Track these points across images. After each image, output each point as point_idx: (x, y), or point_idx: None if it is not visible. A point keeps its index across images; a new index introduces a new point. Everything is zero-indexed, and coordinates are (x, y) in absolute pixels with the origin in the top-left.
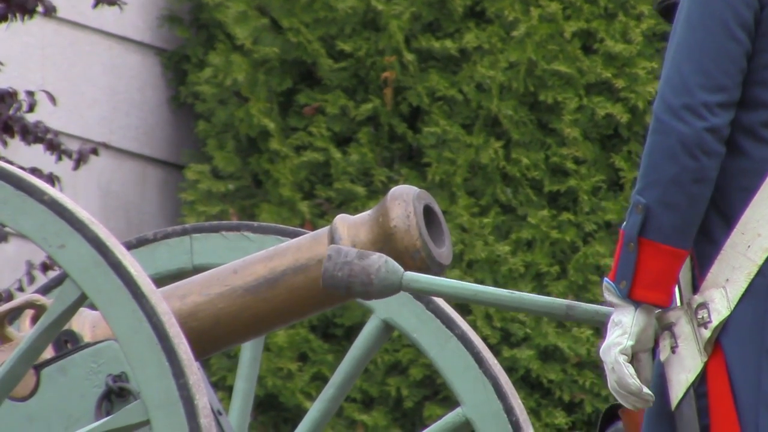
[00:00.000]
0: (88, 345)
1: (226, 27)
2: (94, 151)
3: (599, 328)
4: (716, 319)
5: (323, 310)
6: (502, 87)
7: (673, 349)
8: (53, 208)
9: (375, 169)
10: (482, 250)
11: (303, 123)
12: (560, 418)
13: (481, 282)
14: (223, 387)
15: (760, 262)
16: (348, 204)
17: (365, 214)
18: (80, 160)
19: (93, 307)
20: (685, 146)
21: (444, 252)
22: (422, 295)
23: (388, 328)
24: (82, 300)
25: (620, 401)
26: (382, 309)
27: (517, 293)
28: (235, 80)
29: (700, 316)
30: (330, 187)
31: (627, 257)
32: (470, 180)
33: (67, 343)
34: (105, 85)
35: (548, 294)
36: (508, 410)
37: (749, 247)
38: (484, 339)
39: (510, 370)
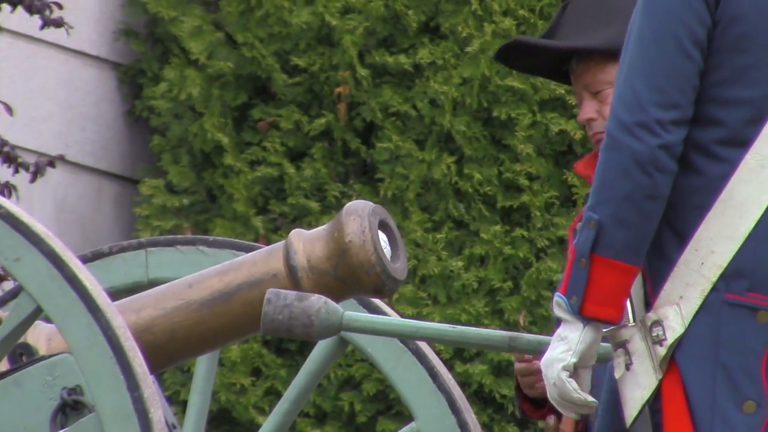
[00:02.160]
0: (43, 358)
1: (181, 41)
2: (51, 164)
3: None
4: (671, 337)
5: None
6: (455, 103)
7: (628, 366)
8: (9, 222)
9: (329, 184)
10: (435, 265)
11: (257, 138)
12: None
13: (435, 298)
14: (177, 401)
15: (714, 279)
16: (302, 219)
17: (320, 229)
18: (37, 172)
19: (48, 320)
20: (639, 163)
21: (399, 267)
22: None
23: (342, 342)
24: (37, 313)
25: (562, 411)
26: None
27: (459, 328)
28: (190, 95)
29: (654, 334)
30: (284, 202)
31: (578, 273)
32: (423, 195)
33: (23, 356)
34: (61, 99)
35: (502, 310)
36: (462, 425)
37: (703, 264)
38: (438, 354)
39: (463, 385)
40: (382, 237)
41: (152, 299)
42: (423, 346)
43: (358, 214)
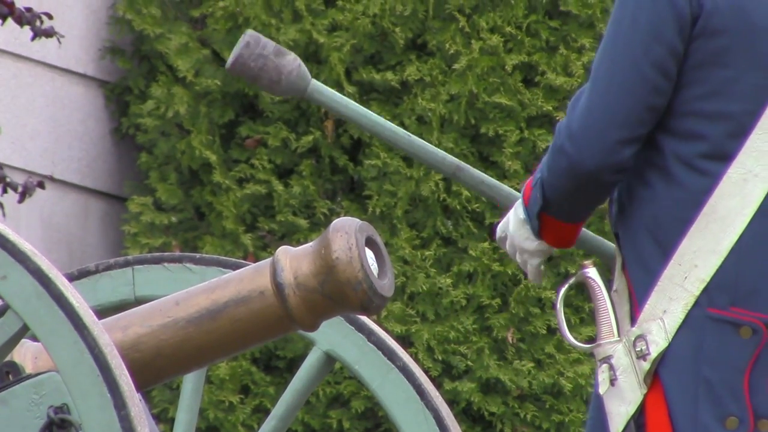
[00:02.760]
0: (29, 376)
1: (167, 59)
2: (41, 185)
3: (541, 361)
4: (654, 351)
5: (265, 341)
6: (443, 119)
7: (612, 381)
8: None
9: (317, 201)
10: (424, 282)
11: (245, 155)
12: None
13: (423, 315)
14: (165, 419)
15: (697, 293)
16: (290, 236)
17: (307, 246)
18: (25, 193)
19: (35, 338)
20: (583, 176)
21: (386, 284)
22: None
23: (329, 360)
24: (23, 331)
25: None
26: (323, 341)
27: (413, 137)
28: (177, 112)
29: (638, 349)
30: (272, 219)
31: (533, 216)
32: (411, 212)
33: (9, 375)
34: (47, 117)
35: (490, 327)
36: None
37: (686, 278)
38: (426, 371)
39: (451, 403)
40: (369, 254)
41: (139, 317)
42: (410, 363)
43: (345, 231)
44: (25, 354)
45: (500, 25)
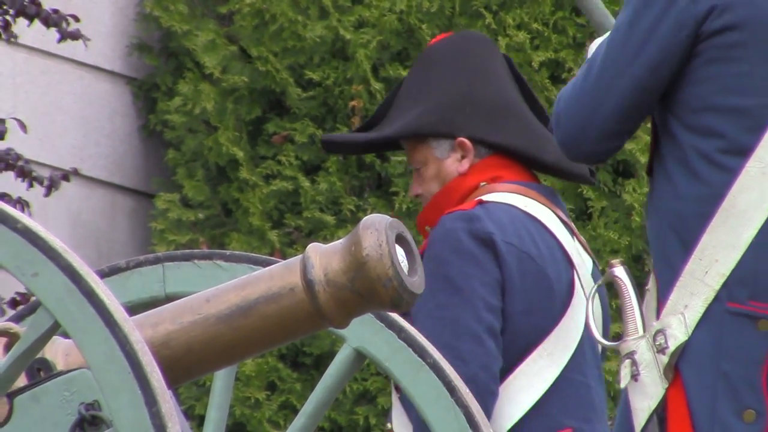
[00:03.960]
0: (61, 373)
1: (195, 55)
2: (66, 178)
3: None
4: (673, 345)
5: (295, 338)
6: None
7: (635, 376)
8: (27, 237)
9: (344, 197)
10: None
11: (272, 152)
12: None
13: None
14: (192, 416)
15: (717, 287)
16: (317, 233)
17: (337, 243)
18: (51, 186)
19: (66, 335)
20: (569, 156)
21: (416, 281)
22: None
23: (359, 356)
24: (55, 328)
25: None
26: (354, 338)
27: None
28: (204, 109)
29: (658, 342)
30: (299, 216)
31: None
32: None
33: (40, 371)
34: (75, 114)
35: None
36: None
37: (707, 273)
38: None
39: None
40: (399, 251)
41: (169, 314)
42: (441, 360)
43: (375, 228)
44: (57, 351)
45: (527, 22)
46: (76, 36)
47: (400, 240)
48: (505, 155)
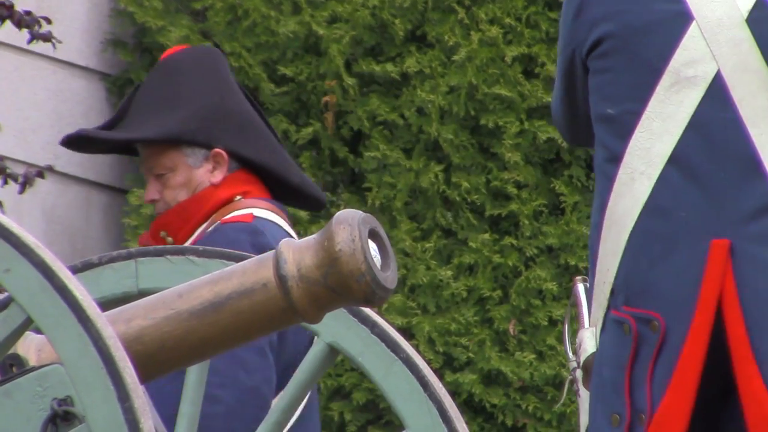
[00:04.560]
0: (33, 369)
1: None
2: (40, 174)
3: (542, 352)
4: (583, 359)
5: (268, 333)
6: (442, 111)
7: (577, 392)
8: None
9: None
10: (424, 274)
11: None
12: None
13: (424, 307)
14: None
15: (608, 296)
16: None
17: (310, 238)
18: (26, 183)
19: (38, 330)
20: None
21: (389, 276)
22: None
23: (333, 351)
24: (27, 324)
25: None
26: (327, 333)
27: None
28: None
29: (577, 359)
30: None
31: None
32: (411, 204)
33: (13, 367)
34: (50, 110)
35: (491, 319)
36: None
37: (604, 282)
38: (428, 363)
39: (453, 395)
40: (372, 246)
41: (142, 309)
42: (414, 355)
43: (348, 223)
44: (29, 346)
45: (500, 17)
46: (47, 38)
47: (373, 235)
48: (251, 171)
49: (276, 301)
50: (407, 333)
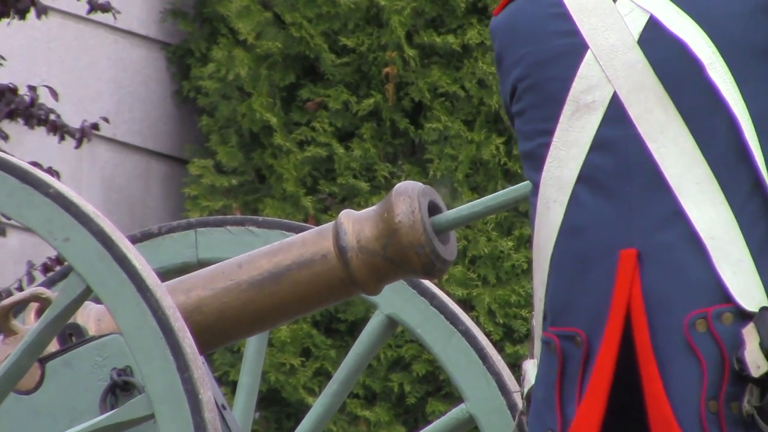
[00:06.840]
0: (92, 338)
1: (229, 21)
2: (95, 127)
3: None
4: (526, 389)
5: (327, 305)
6: None
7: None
8: (59, 202)
9: (378, 164)
10: (485, 246)
11: (305, 118)
12: None
13: (485, 278)
14: (226, 382)
15: (541, 322)
16: (351, 199)
17: (370, 210)
18: (83, 137)
19: (98, 300)
20: None
21: (448, 248)
22: (426, 290)
23: (392, 323)
24: (86, 293)
25: None
26: (386, 305)
27: None
28: (238, 75)
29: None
30: (333, 182)
31: None
32: (472, 176)
33: (72, 337)
34: (109, 79)
35: None
36: (512, 406)
37: (540, 312)
38: (487, 335)
39: (513, 366)
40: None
41: (201, 279)
42: (473, 327)
43: (408, 195)
44: (89, 316)
45: None
46: (106, 8)
47: (433, 207)
48: None
49: (335, 272)
50: (467, 304)
